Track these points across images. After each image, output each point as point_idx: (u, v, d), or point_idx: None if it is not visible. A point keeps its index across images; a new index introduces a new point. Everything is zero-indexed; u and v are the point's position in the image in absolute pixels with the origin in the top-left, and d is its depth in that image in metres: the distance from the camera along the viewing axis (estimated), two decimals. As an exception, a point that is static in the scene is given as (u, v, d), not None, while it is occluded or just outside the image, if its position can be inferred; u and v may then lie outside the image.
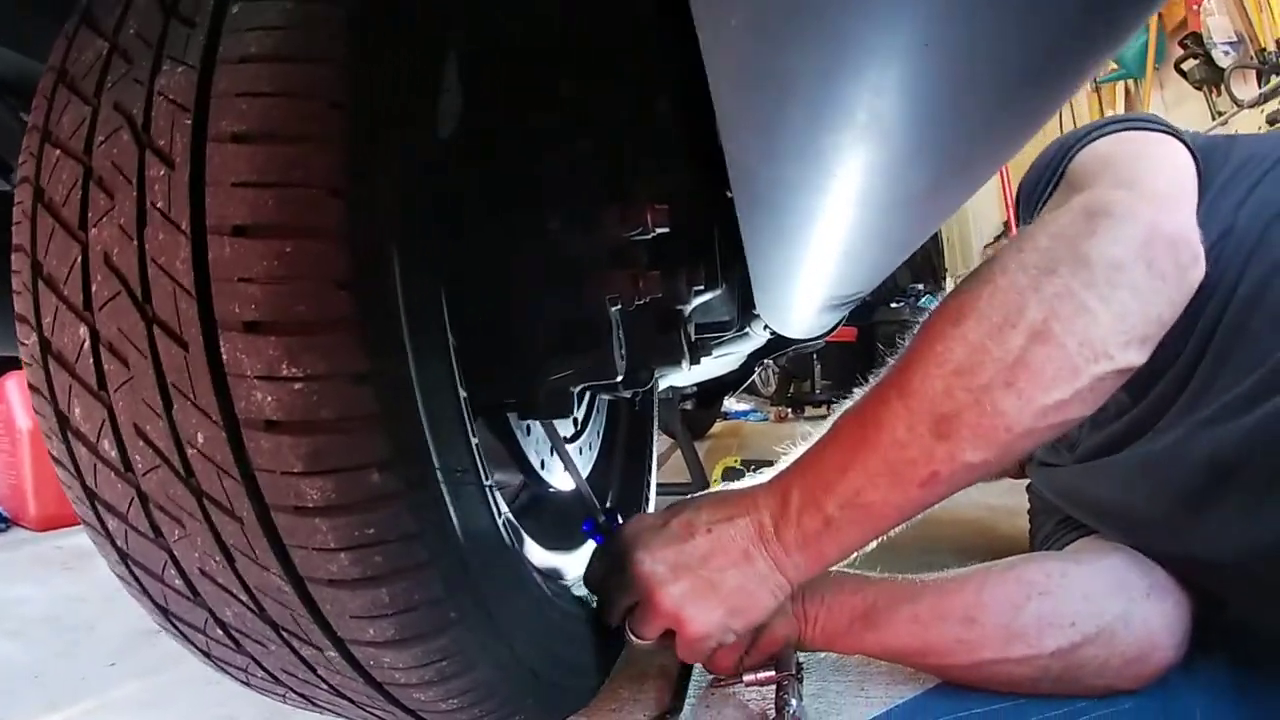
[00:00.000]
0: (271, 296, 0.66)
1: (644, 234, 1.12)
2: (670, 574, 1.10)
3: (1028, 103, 0.63)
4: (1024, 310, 0.94)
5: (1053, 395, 0.93)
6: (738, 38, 0.55)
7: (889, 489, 0.99)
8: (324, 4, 0.71)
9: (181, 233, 0.67)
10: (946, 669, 1.28)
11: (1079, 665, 1.19)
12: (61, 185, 0.74)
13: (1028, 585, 1.22)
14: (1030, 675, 1.21)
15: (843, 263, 1.08)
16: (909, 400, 0.97)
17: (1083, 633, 1.17)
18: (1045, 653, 1.19)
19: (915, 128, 0.64)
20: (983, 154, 0.75)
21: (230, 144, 0.67)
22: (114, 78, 0.74)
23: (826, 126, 0.63)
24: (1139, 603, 1.20)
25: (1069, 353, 0.92)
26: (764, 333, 1.88)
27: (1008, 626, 1.20)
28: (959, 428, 0.95)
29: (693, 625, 1.10)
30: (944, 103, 0.60)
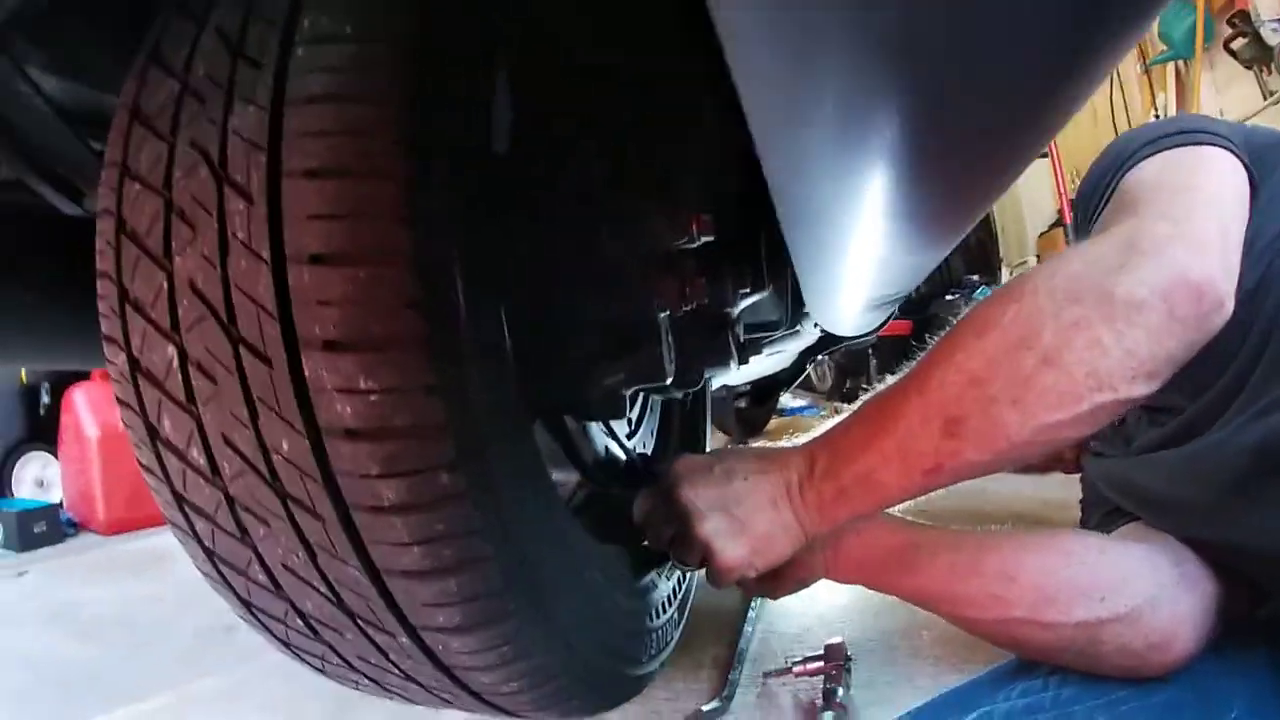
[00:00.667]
0: (348, 317, 0.72)
1: (690, 243, 1.17)
2: (708, 510, 1.21)
3: (1054, 101, 0.66)
4: (1041, 334, 1.00)
5: (1053, 416, 1.00)
6: (765, 56, 0.59)
7: (898, 472, 1.09)
8: (382, 45, 0.76)
9: (262, 261, 0.73)
10: (974, 623, 1.31)
11: (1102, 641, 1.21)
12: (144, 217, 0.80)
13: (1066, 553, 1.26)
14: (1054, 643, 1.24)
15: (882, 264, 1.13)
16: (926, 398, 1.06)
17: (1111, 609, 1.20)
18: (1072, 622, 1.21)
19: (945, 130, 0.67)
20: (1013, 151, 0.78)
21: (303, 179, 0.73)
22: (188, 116, 0.80)
23: (858, 139, 0.67)
24: (1168, 589, 1.22)
25: (1075, 381, 0.98)
26: (815, 330, 1.90)
27: (1041, 589, 1.23)
28: (965, 430, 1.03)
29: (722, 557, 1.21)
30: (974, 104, 0.63)
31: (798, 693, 1.41)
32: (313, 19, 0.78)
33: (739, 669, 1.50)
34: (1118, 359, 0.98)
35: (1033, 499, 2.63)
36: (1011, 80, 0.60)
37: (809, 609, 1.79)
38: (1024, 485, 2.66)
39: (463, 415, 0.78)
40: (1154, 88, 7.06)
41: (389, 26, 0.78)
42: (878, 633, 1.64)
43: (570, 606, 0.97)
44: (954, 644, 1.46)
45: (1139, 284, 0.99)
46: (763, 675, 1.48)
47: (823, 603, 1.83)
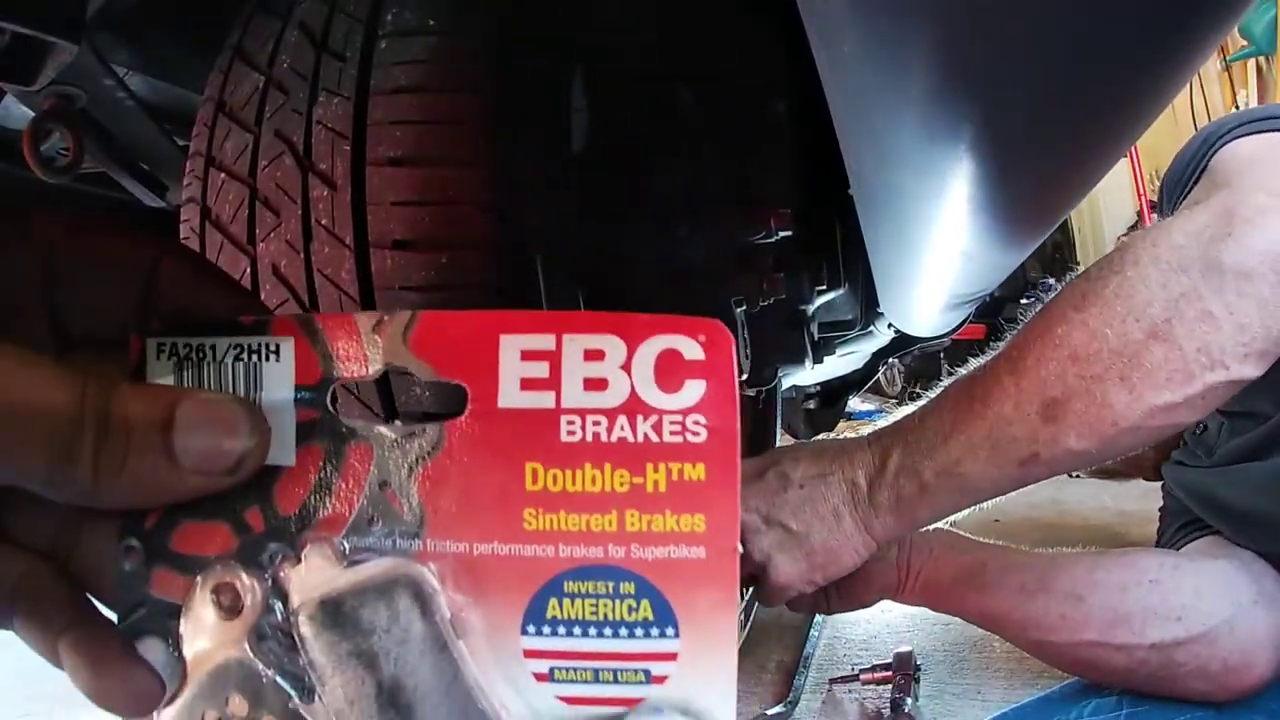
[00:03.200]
0: (430, 303, 0.73)
1: (767, 238, 1.16)
2: (761, 524, 1.09)
3: (1140, 98, 0.65)
4: (1148, 306, 0.92)
5: (1164, 396, 0.91)
6: (852, 61, 0.60)
7: (988, 463, 0.97)
8: (464, 38, 0.78)
9: (346, 247, 0.75)
10: (1045, 645, 1.26)
11: (1178, 664, 1.17)
12: (228, 205, 0.82)
13: (1139, 571, 1.21)
14: (1127, 665, 1.20)
15: (963, 262, 1.09)
16: (1020, 378, 0.95)
17: (1188, 630, 1.16)
18: (1147, 643, 1.17)
19: (1027, 130, 0.67)
20: (1097, 151, 0.77)
21: (388, 167, 0.75)
22: (272, 108, 0.82)
23: (939, 137, 0.67)
24: (1245, 609, 1.18)
25: (1186, 356, 0.90)
26: (888, 331, 1.88)
27: (1114, 609, 1.19)
28: (1066, 413, 0.93)
29: (776, 574, 1.09)
30: (1055, 104, 0.63)
31: (864, 701, 1.40)
32: (395, 13, 0.80)
33: (804, 674, 1.49)
34: (1229, 333, 0.90)
35: (1111, 510, 2.58)
36: (1099, 74, 0.60)
37: (877, 617, 1.77)
38: (1103, 497, 2.62)
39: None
40: (1234, 85, 6.91)
41: (469, 19, 0.79)
42: (947, 643, 1.62)
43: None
44: (1026, 658, 1.43)
45: (1247, 252, 0.91)
46: (829, 682, 1.47)
47: (891, 611, 1.79)
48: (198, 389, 0.37)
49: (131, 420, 0.34)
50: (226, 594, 0.37)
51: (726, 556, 0.34)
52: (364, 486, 0.37)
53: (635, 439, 0.35)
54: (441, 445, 0.36)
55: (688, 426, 0.34)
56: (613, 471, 0.35)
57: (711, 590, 0.34)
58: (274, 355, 0.37)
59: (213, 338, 0.38)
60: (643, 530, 0.34)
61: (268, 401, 0.37)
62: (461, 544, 0.35)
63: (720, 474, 0.34)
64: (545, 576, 0.35)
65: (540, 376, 0.35)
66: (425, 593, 0.36)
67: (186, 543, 0.37)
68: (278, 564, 0.37)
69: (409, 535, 0.36)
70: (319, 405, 0.37)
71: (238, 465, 0.35)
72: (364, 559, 0.36)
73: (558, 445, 0.35)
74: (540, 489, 0.35)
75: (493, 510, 0.35)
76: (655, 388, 0.34)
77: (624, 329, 0.35)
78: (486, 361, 0.35)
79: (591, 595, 0.34)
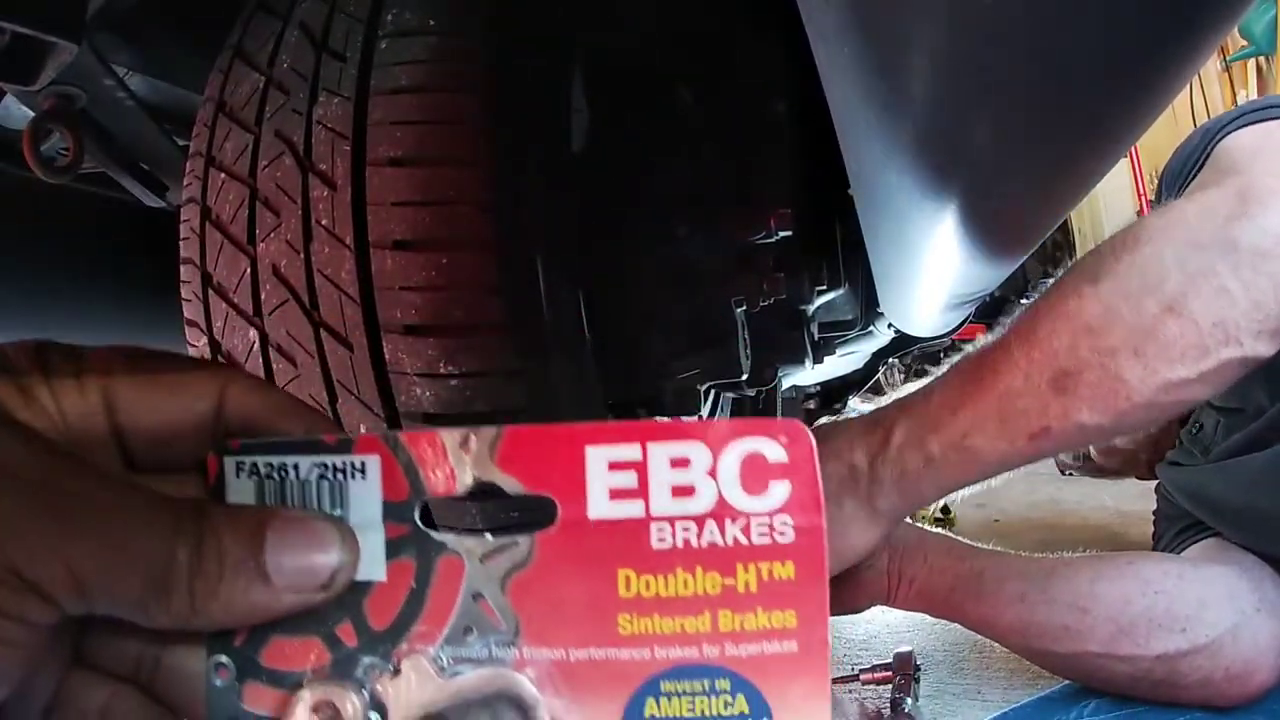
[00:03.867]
0: (430, 303, 0.73)
1: (767, 238, 1.16)
2: None
3: (1141, 97, 0.65)
4: (1164, 281, 0.91)
5: (1178, 371, 0.90)
6: (853, 62, 0.60)
7: (997, 436, 0.95)
8: (464, 38, 0.78)
9: (346, 247, 0.75)
10: (1046, 656, 1.26)
11: (1182, 674, 1.17)
12: (228, 205, 0.82)
13: (1143, 582, 1.20)
14: (1131, 675, 1.19)
15: (963, 262, 1.09)
16: (1031, 350, 0.94)
17: (1192, 641, 1.16)
18: (1151, 655, 1.17)
19: (1027, 130, 0.67)
20: (1098, 151, 0.77)
21: (388, 167, 0.75)
22: (272, 108, 0.82)
23: (940, 136, 0.67)
24: (1249, 617, 1.19)
25: (1201, 331, 0.89)
26: (888, 331, 1.88)
27: (1117, 621, 1.18)
28: (1079, 386, 0.91)
29: None
30: (1055, 103, 0.63)
31: (864, 701, 1.40)
32: (395, 13, 0.80)
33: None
34: (1245, 310, 0.89)
35: (1110, 510, 2.56)
36: (1101, 74, 0.60)
37: (877, 617, 1.75)
38: (1102, 497, 2.62)
39: (542, 402, 0.79)
40: (1235, 85, 6.90)
41: (469, 20, 0.79)
42: (947, 643, 1.61)
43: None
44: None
45: (1263, 232, 0.91)
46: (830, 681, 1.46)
47: (891, 611, 1.77)
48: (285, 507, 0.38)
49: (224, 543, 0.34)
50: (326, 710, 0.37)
51: (818, 648, 0.34)
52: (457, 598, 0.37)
53: (725, 543, 0.35)
54: (533, 557, 0.37)
55: (775, 527, 0.35)
56: (704, 574, 0.35)
57: (804, 680, 0.34)
58: (359, 473, 0.38)
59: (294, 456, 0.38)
60: (736, 629, 0.35)
61: (355, 519, 0.38)
62: (558, 650, 0.36)
63: (809, 570, 0.35)
64: (642, 678, 0.35)
65: (629, 486, 0.36)
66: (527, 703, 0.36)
67: (278, 659, 0.38)
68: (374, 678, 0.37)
69: (504, 644, 0.37)
70: (408, 520, 0.37)
71: (331, 581, 0.36)
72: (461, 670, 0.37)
73: (649, 552, 0.36)
74: (634, 595, 0.36)
75: (587, 617, 0.36)
76: (741, 491, 0.35)
77: (707, 435, 0.36)
78: (574, 473, 0.36)
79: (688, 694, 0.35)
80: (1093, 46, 0.53)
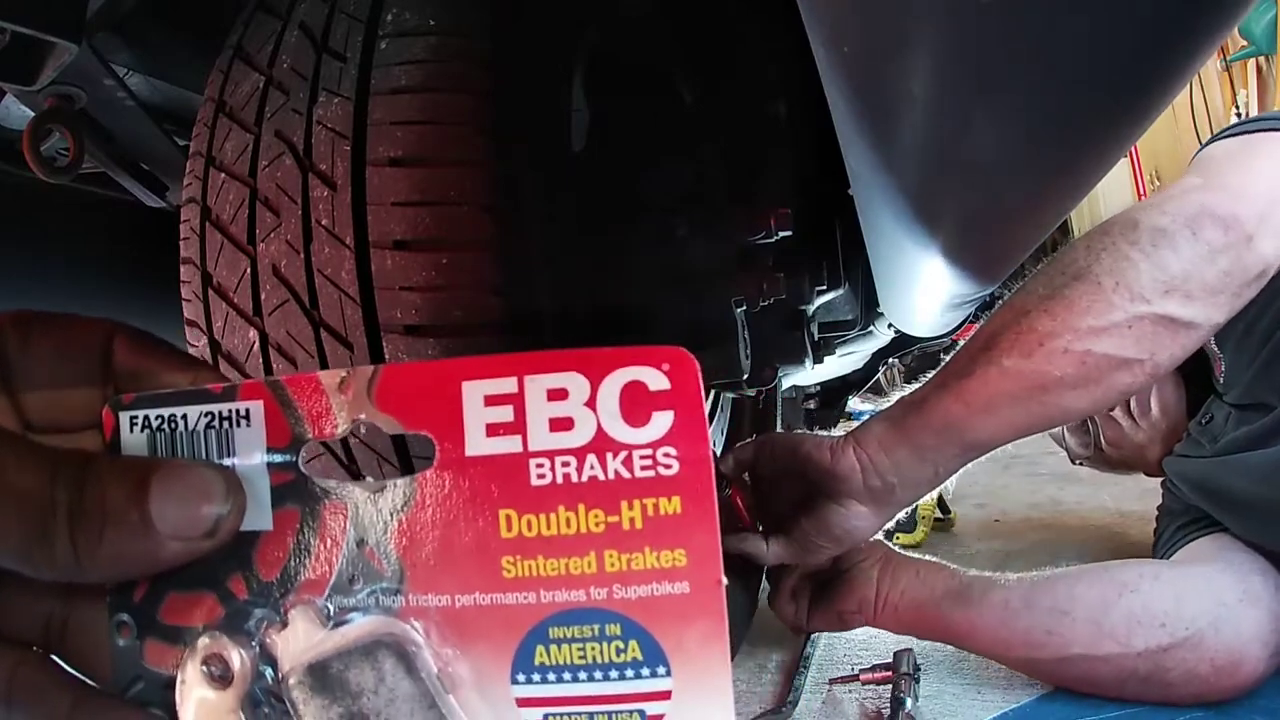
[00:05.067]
0: (431, 303, 0.73)
1: (767, 237, 1.17)
2: None
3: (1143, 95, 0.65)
4: (1075, 260, 1.04)
5: (1085, 320, 1.01)
6: (853, 61, 0.60)
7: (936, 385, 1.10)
8: (465, 39, 0.78)
9: (346, 247, 0.75)
10: (1033, 663, 1.29)
11: (1166, 669, 1.19)
12: (228, 205, 0.82)
13: (1119, 584, 1.24)
14: (1117, 676, 1.22)
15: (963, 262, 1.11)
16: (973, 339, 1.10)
17: (1172, 635, 1.18)
18: (1133, 652, 1.19)
19: (1028, 130, 0.67)
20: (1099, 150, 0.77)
21: (388, 167, 0.75)
22: (273, 108, 0.82)
23: (940, 136, 0.67)
24: (1231, 608, 1.21)
25: (1104, 289, 1.01)
26: (888, 331, 1.89)
27: (1098, 623, 1.21)
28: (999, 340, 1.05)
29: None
30: (1056, 102, 0.63)
31: (864, 701, 1.39)
32: (395, 13, 0.80)
33: (804, 674, 1.48)
34: (1146, 271, 1.00)
35: (1110, 510, 2.55)
36: (1102, 72, 0.60)
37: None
38: (1102, 496, 2.62)
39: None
40: (1234, 85, 6.91)
41: (470, 19, 0.79)
42: (946, 643, 1.62)
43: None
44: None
45: (1162, 214, 1.03)
46: (828, 682, 1.46)
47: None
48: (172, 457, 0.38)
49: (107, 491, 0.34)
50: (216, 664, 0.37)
51: (711, 589, 0.33)
52: (342, 546, 0.37)
53: (606, 477, 0.34)
54: (414, 499, 0.36)
55: (659, 460, 0.34)
56: (587, 512, 0.34)
57: (699, 624, 0.33)
58: (244, 420, 0.38)
59: (184, 407, 0.38)
60: (623, 570, 0.34)
61: (242, 467, 0.38)
62: (443, 597, 0.36)
63: (697, 505, 0.34)
64: (529, 624, 0.35)
65: (505, 421, 0.35)
66: (408, 650, 0.36)
67: (174, 614, 0.38)
68: (264, 630, 0.37)
69: (391, 592, 0.36)
70: (292, 467, 0.37)
71: (215, 529, 0.36)
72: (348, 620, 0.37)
73: (528, 490, 0.35)
74: (515, 536, 0.35)
75: (471, 561, 0.35)
76: (622, 422, 0.34)
77: (586, 365, 0.35)
78: (451, 410, 0.35)
79: (578, 640, 0.34)
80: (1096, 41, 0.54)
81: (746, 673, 1.51)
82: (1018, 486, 2.99)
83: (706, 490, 0.34)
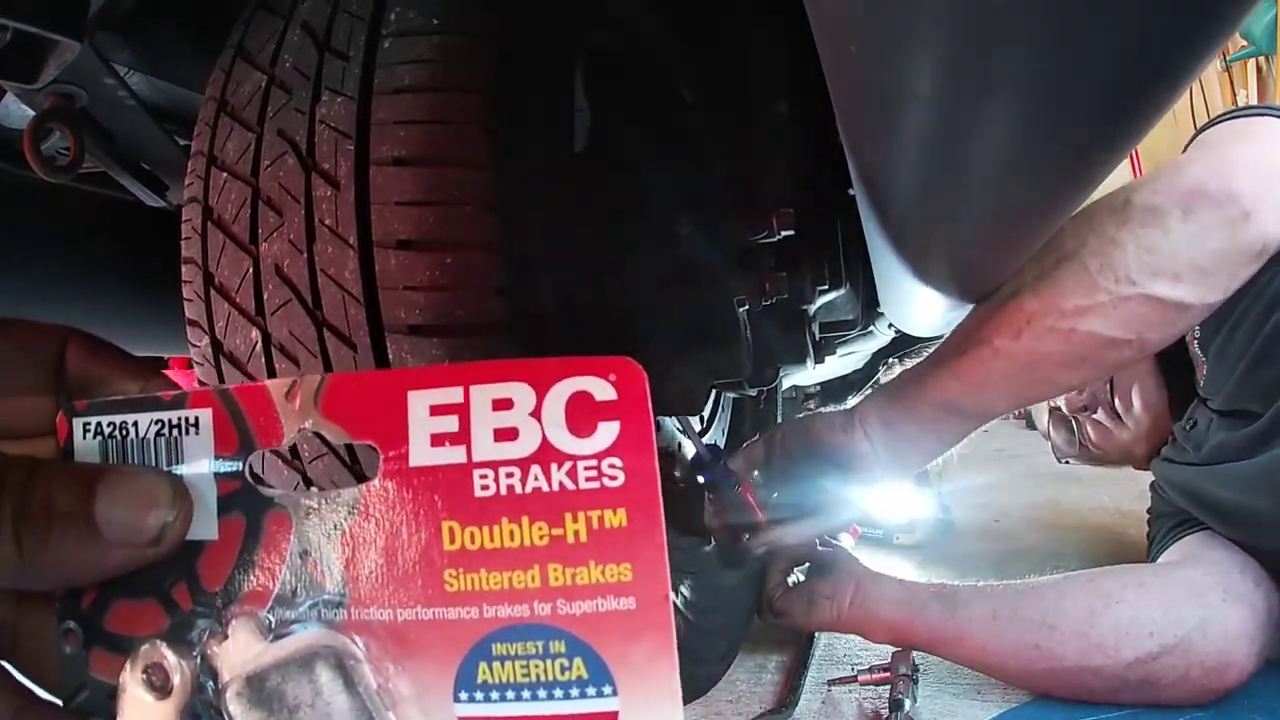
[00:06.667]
0: (435, 302, 0.73)
1: (769, 237, 1.17)
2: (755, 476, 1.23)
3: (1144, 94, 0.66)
4: (1063, 244, 1.02)
5: (1071, 301, 1.00)
6: (859, 61, 0.60)
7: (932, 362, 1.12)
8: (468, 38, 0.78)
9: (350, 246, 0.75)
10: (1024, 674, 1.30)
11: (1158, 677, 1.20)
12: (231, 204, 0.82)
13: (1104, 595, 1.25)
14: (1108, 686, 1.23)
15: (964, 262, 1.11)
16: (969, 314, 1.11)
17: (1161, 643, 1.19)
18: (1123, 663, 1.20)
19: (1029, 130, 0.67)
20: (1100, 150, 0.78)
21: (392, 167, 0.74)
22: (275, 107, 0.82)
23: (945, 135, 0.67)
24: (1216, 609, 1.22)
25: (1089, 271, 0.99)
26: (889, 331, 1.88)
27: (1085, 635, 1.23)
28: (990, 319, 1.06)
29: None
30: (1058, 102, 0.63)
31: (863, 702, 1.40)
32: (399, 12, 0.80)
33: (803, 675, 1.49)
34: (1133, 253, 0.98)
35: (1109, 510, 2.57)
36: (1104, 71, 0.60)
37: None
38: (1102, 496, 2.62)
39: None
40: (1234, 85, 6.92)
41: (472, 19, 0.79)
42: (945, 643, 1.62)
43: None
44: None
45: (1153, 192, 1.00)
46: (827, 683, 1.46)
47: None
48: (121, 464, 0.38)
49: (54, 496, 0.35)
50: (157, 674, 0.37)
51: (658, 604, 0.33)
52: (286, 557, 0.37)
53: (550, 488, 0.34)
54: (358, 510, 0.36)
55: (604, 471, 0.34)
56: (530, 524, 0.34)
57: (646, 641, 0.33)
58: (193, 428, 0.38)
59: (135, 414, 0.38)
60: (567, 584, 0.34)
61: (189, 475, 0.38)
62: (386, 611, 0.35)
63: (642, 518, 0.33)
64: (471, 640, 0.34)
65: (450, 431, 0.35)
66: (347, 664, 0.35)
67: (119, 622, 0.38)
68: (206, 641, 0.37)
69: (333, 605, 0.36)
70: (239, 477, 0.37)
71: (160, 536, 0.36)
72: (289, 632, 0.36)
73: (472, 501, 0.34)
74: (458, 548, 0.34)
75: (414, 574, 0.35)
76: (567, 433, 0.34)
77: (532, 375, 0.35)
78: (396, 420, 0.35)
79: (521, 657, 0.34)
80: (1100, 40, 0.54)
81: (747, 672, 1.51)
82: (1017, 486, 2.99)
83: (652, 503, 0.33)
